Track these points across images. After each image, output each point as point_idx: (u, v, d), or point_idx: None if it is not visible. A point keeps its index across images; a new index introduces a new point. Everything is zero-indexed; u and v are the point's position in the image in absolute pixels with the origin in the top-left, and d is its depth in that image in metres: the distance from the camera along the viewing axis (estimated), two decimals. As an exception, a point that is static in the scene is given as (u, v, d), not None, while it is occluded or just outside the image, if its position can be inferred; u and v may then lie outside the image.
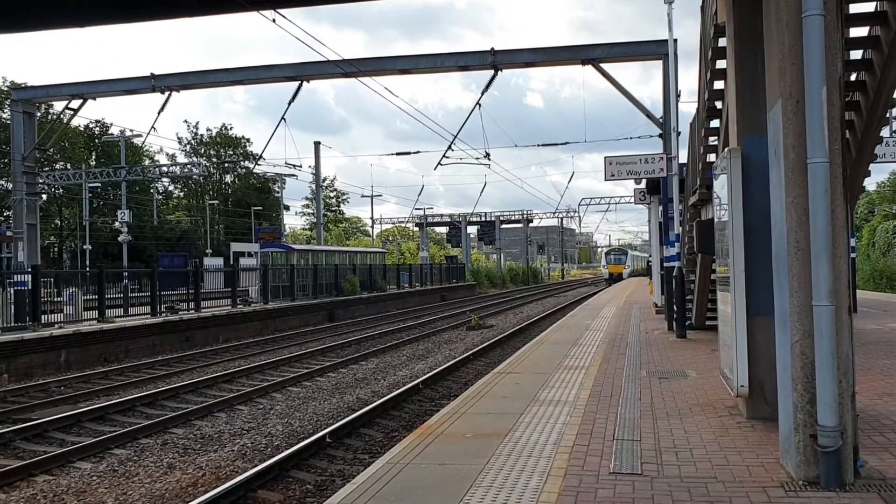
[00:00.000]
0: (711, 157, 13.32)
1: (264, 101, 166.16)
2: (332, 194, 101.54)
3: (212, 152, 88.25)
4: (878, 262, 43.97)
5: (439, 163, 30.42)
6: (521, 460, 6.64)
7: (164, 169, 56.13)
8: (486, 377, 11.60)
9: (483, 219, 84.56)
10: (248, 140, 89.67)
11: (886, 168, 62.12)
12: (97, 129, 70.24)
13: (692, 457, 6.61)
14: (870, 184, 57.75)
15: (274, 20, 10.19)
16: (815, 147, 5.47)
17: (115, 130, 65.44)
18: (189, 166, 58.35)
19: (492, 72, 26.70)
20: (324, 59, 21.86)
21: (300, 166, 44.78)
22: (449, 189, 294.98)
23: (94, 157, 70.99)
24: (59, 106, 37.78)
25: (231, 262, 43.57)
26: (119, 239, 49.09)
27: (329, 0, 10.45)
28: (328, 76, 28.74)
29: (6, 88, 58.25)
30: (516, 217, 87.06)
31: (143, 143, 56.76)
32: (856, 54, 9.76)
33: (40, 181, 35.60)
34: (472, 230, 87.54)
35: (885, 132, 16.72)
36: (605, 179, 20.23)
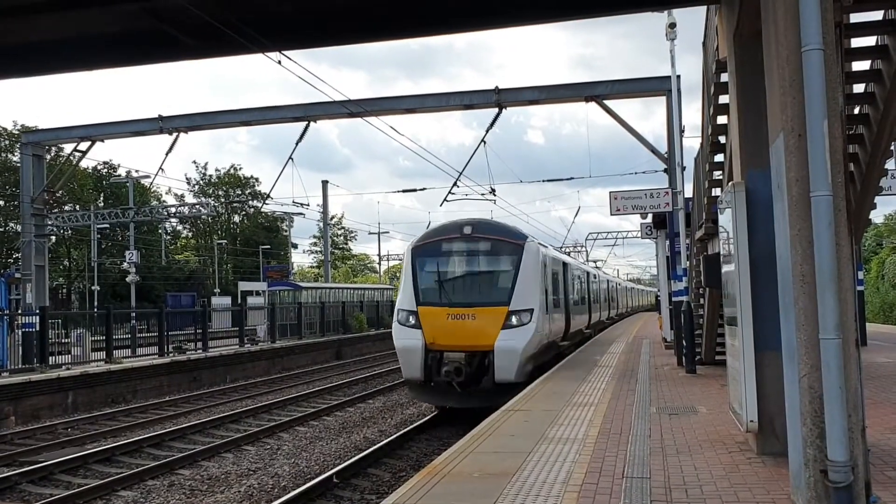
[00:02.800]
0: (716, 192, 13.33)
1: (267, 140, 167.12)
2: (339, 232, 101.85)
3: (220, 192, 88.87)
4: (887, 295, 43.72)
5: (445, 199, 30.29)
6: (528, 500, 6.56)
7: (173, 210, 56.42)
8: (494, 415, 11.51)
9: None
10: (256, 179, 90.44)
11: (895, 201, 62.01)
12: (105, 170, 70.76)
13: (702, 494, 6.52)
14: (877, 216, 57.67)
15: (279, 62, 10.31)
16: (817, 180, 5.47)
17: (122, 171, 65.98)
18: (198, 207, 58.63)
19: (496, 110, 26.84)
20: (330, 100, 22.02)
21: (307, 205, 44.92)
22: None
23: (102, 198, 71.43)
24: (67, 148, 38.10)
25: (239, 301, 43.62)
26: (127, 279, 49.14)
27: (332, 42, 10.59)
28: (335, 116, 28.92)
29: (17, 132, 58.86)
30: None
31: (151, 183, 57.12)
32: (858, 87, 9.79)
33: (49, 223, 35.76)
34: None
35: (890, 164, 16.73)
36: (611, 214, 20.25)
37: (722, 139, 11.67)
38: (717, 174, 12.96)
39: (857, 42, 8.79)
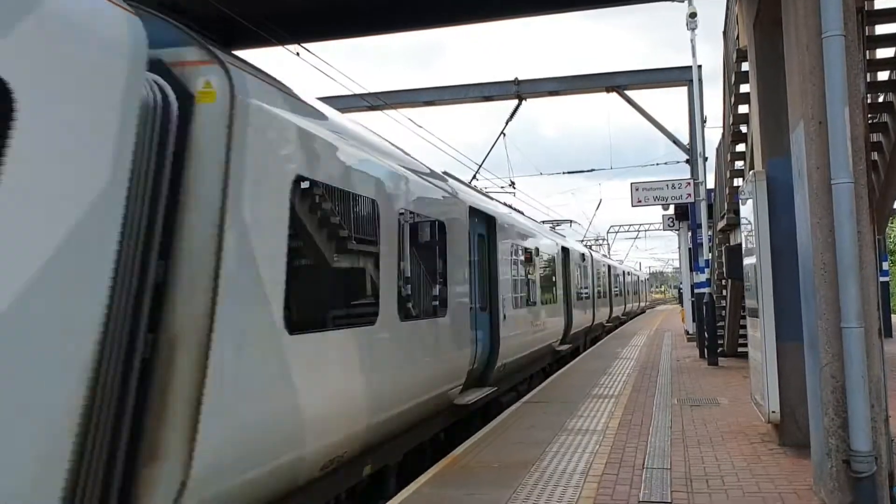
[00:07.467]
0: (738, 182, 13.24)
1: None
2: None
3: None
4: (914, 286, 43.08)
5: (461, 191, 30.20)
6: (548, 489, 6.56)
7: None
8: (513, 407, 11.51)
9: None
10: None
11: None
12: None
13: (723, 484, 6.50)
14: (903, 206, 56.71)
15: (298, 53, 10.35)
16: (838, 168, 5.42)
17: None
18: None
19: (515, 101, 26.75)
20: (349, 93, 22.08)
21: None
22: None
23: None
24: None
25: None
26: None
27: (352, 34, 10.62)
28: (354, 109, 28.88)
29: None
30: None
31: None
32: (882, 75, 9.69)
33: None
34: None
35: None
36: (633, 205, 20.14)
37: (744, 129, 11.59)
38: (739, 164, 12.87)
39: (881, 29, 8.70)
